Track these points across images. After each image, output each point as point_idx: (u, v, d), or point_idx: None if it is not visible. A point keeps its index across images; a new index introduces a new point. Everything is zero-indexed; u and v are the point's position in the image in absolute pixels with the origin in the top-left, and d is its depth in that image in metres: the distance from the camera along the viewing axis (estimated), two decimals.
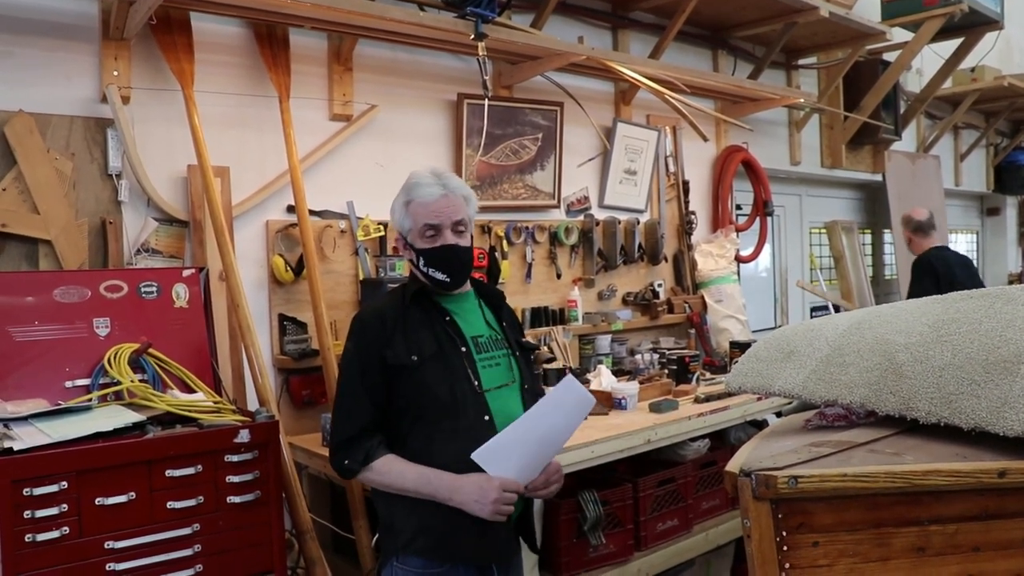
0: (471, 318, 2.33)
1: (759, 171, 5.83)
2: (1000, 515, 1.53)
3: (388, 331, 2.19)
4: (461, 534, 2.14)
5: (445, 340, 2.22)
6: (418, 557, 2.16)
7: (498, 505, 2.07)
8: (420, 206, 2.24)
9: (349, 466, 2.17)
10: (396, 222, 2.32)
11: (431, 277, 2.26)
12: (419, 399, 2.16)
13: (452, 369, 2.19)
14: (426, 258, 2.25)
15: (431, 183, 2.26)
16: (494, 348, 2.31)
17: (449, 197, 2.25)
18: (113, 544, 2.25)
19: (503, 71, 4.30)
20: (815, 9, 5.13)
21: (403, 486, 2.14)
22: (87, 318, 2.73)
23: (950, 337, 1.75)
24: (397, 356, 2.16)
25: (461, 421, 2.16)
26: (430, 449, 2.14)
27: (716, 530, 3.76)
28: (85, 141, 3.07)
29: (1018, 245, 10.16)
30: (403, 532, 2.18)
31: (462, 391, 2.18)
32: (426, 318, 2.25)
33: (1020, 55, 9.03)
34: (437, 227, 2.23)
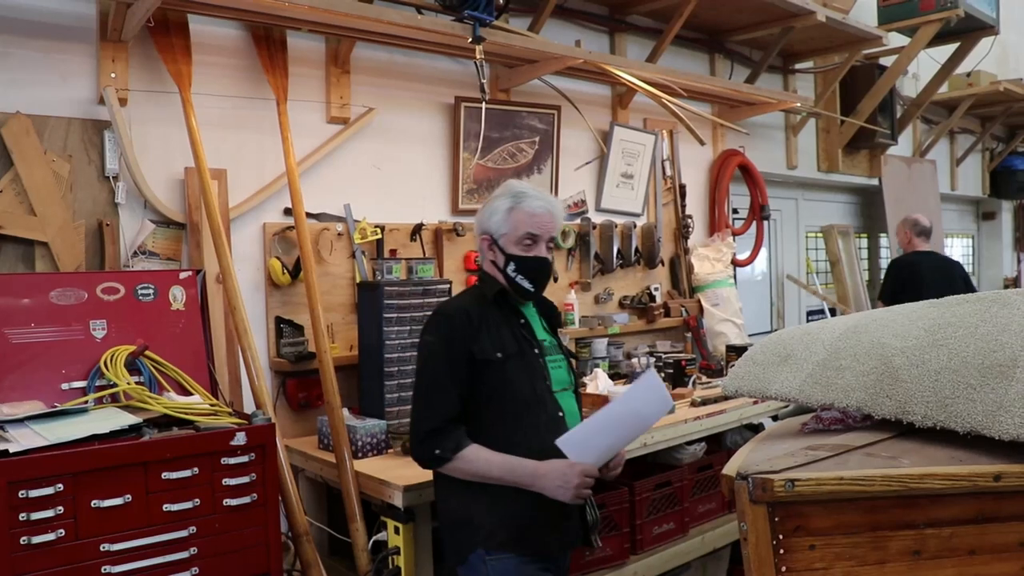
0: (535, 324, 2.48)
1: (756, 175, 5.84)
2: (995, 518, 1.53)
3: (474, 327, 2.32)
4: (540, 525, 2.27)
5: (523, 340, 2.38)
6: (509, 549, 2.27)
7: (580, 489, 2.19)
8: (526, 215, 2.37)
9: (441, 455, 2.26)
10: (491, 224, 2.42)
11: (516, 283, 2.39)
12: (503, 394, 2.30)
13: (531, 368, 2.36)
14: (517, 265, 2.38)
15: (538, 196, 2.40)
16: (555, 353, 2.48)
17: (551, 214, 2.40)
18: (109, 546, 2.24)
19: (500, 74, 4.31)
20: (812, 14, 5.14)
21: (488, 473, 2.24)
22: (84, 320, 2.73)
23: (946, 341, 1.76)
24: (484, 351, 2.30)
25: (540, 416, 2.31)
26: (511, 441, 2.27)
27: (712, 533, 3.76)
28: (82, 143, 3.07)
29: (1013, 249, 10.19)
30: (483, 527, 2.28)
31: (540, 388, 2.35)
32: (504, 319, 2.39)
33: (1016, 60, 9.05)
34: (536, 238, 2.38)
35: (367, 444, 3.18)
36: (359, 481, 3.01)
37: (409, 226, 3.90)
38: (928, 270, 5.40)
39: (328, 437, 3.18)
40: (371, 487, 2.95)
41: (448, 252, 4.04)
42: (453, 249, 4.07)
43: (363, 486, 3.00)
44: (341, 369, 3.44)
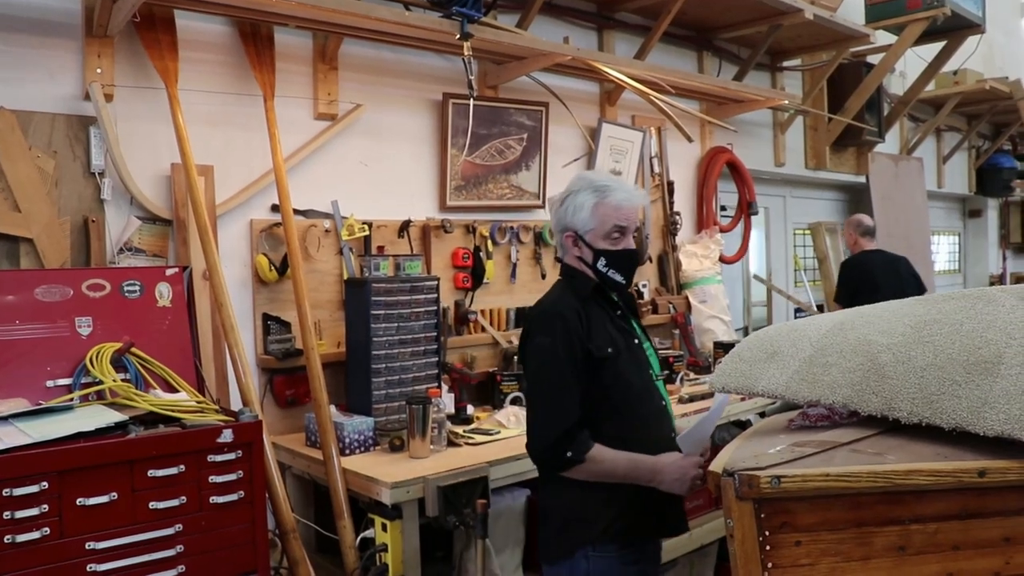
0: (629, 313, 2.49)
1: (743, 172, 5.85)
2: (979, 514, 1.54)
3: (585, 325, 2.30)
4: (649, 513, 2.30)
5: (627, 333, 2.41)
6: (613, 543, 2.28)
7: (695, 481, 2.22)
8: (613, 208, 2.34)
9: (573, 457, 2.23)
10: (576, 221, 2.37)
11: (607, 277, 2.37)
12: (617, 388, 2.31)
13: (638, 359, 2.39)
14: (608, 259, 2.35)
15: (621, 187, 2.37)
16: (646, 340, 2.49)
17: (635, 204, 2.39)
18: (95, 545, 2.23)
19: (488, 71, 4.30)
20: (800, 11, 5.15)
21: (614, 472, 2.24)
22: (69, 317, 2.71)
23: (932, 338, 1.77)
24: (600, 348, 2.29)
25: (649, 407, 2.36)
26: (625, 435, 2.27)
27: (699, 530, 3.76)
28: (67, 139, 3.05)
29: (999, 247, 10.25)
30: (598, 521, 2.28)
31: (647, 379, 2.39)
32: (606, 314, 2.38)
33: (1001, 59, 9.11)
34: (624, 230, 2.35)
35: (354, 441, 3.18)
36: (346, 478, 3.01)
37: (397, 223, 3.89)
38: (879, 269, 5.46)
39: (315, 434, 3.18)
40: (358, 484, 2.95)
41: (436, 249, 4.04)
42: (441, 246, 4.07)
43: (350, 483, 3.00)
44: (328, 366, 3.43)
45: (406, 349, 3.41)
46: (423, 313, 3.49)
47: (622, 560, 2.30)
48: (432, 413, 3.14)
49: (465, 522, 2.85)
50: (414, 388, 3.41)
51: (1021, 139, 9.46)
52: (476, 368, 4.08)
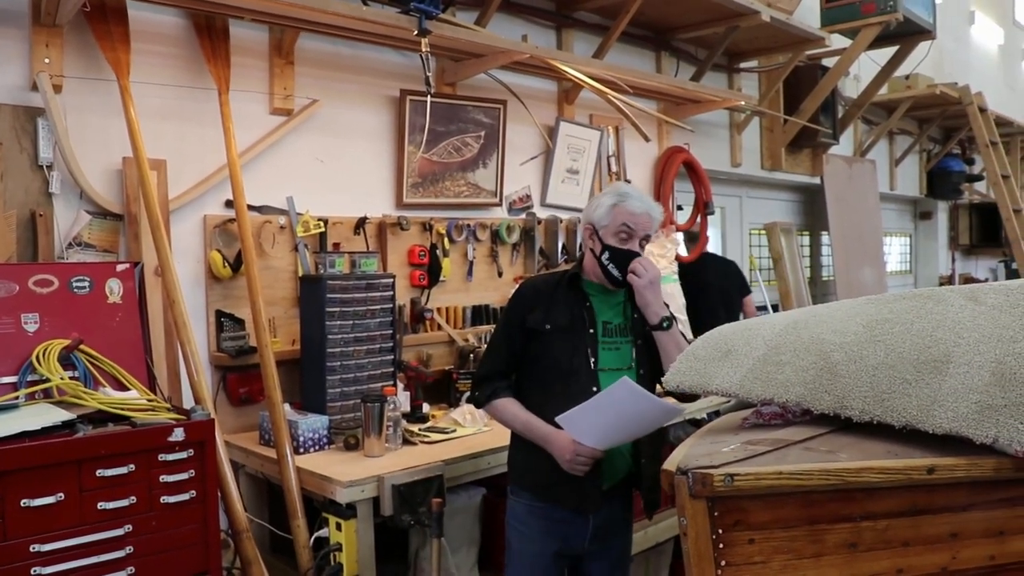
0: (611, 307, 2.70)
1: (700, 172, 5.89)
2: (928, 510, 1.57)
3: (536, 300, 2.66)
4: (558, 480, 2.55)
5: (578, 319, 2.63)
6: (527, 491, 2.67)
7: (572, 464, 2.47)
8: (625, 212, 2.62)
9: (477, 397, 2.73)
10: (595, 216, 2.68)
11: (608, 270, 2.63)
12: (543, 361, 2.63)
13: (575, 344, 2.61)
14: (611, 254, 2.62)
15: (640, 198, 2.66)
16: (619, 335, 2.68)
17: (649, 216, 2.66)
18: (39, 547, 2.19)
19: (446, 68, 4.28)
20: (757, 14, 5.20)
21: (512, 425, 2.66)
22: (14, 313, 2.64)
23: (883, 337, 1.79)
24: (535, 322, 2.63)
25: (572, 388, 2.55)
26: (543, 403, 2.57)
27: (655, 527, 3.78)
28: (14, 130, 2.97)
29: (948, 248, 10.45)
30: (517, 467, 2.74)
31: (578, 363, 2.60)
32: (570, 299, 2.66)
33: (951, 65, 9.29)
34: (632, 233, 2.62)
35: (309, 439, 3.15)
36: (300, 477, 2.98)
37: (353, 219, 3.86)
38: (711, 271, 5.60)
39: (269, 432, 3.14)
40: (313, 483, 2.93)
41: (392, 246, 4.01)
42: (397, 243, 4.04)
43: (304, 482, 2.97)
44: (283, 363, 3.40)
45: (361, 347, 3.39)
46: (379, 311, 3.47)
47: (531, 511, 2.65)
48: (387, 411, 3.12)
49: (420, 521, 2.84)
50: (369, 386, 3.39)
51: (970, 143, 9.64)
52: (432, 366, 4.06)
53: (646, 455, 2.65)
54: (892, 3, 6.14)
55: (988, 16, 11.11)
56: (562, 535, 2.63)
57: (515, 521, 2.71)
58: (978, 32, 10.78)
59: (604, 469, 2.58)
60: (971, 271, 10.80)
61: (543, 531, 2.64)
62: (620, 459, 2.63)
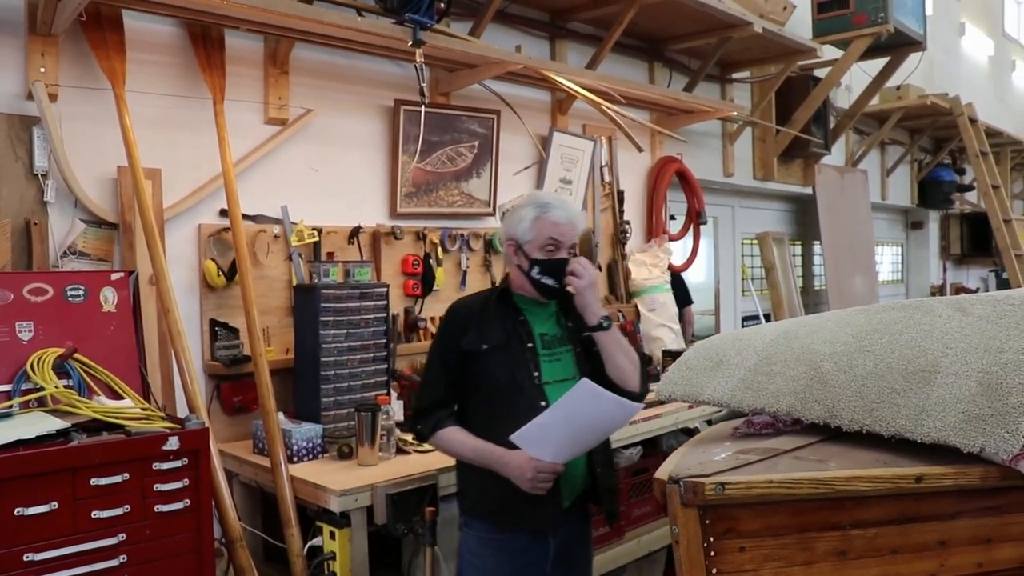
0: (544, 318, 2.63)
1: (693, 182, 5.92)
2: (916, 518, 1.58)
3: (469, 321, 2.58)
4: (517, 502, 2.43)
5: (514, 335, 2.56)
6: (481, 521, 2.55)
7: (534, 483, 2.36)
8: (550, 224, 2.53)
9: (421, 431, 2.61)
10: (517, 231, 2.58)
11: (541, 284, 2.55)
12: (485, 382, 2.53)
13: (516, 360, 2.53)
14: (541, 267, 2.53)
15: (561, 207, 2.57)
16: (558, 345, 2.61)
17: (573, 224, 2.57)
18: (33, 556, 2.18)
19: (441, 78, 4.31)
20: (749, 25, 5.24)
21: (462, 454, 2.54)
22: (9, 322, 2.64)
23: (872, 347, 1.81)
24: (471, 342, 2.54)
25: (519, 404, 2.46)
26: (491, 425, 2.49)
27: (648, 537, 3.80)
28: (9, 139, 2.98)
29: (940, 258, 10.49)
30: (470, 496, 2.60)
31: (521, 379, 2.51)
32: (503, 315, 2.58)
33: (941, 76, 9.35)
34: (559, 244, 2.53)
35: (303, 448, 3.16)
36: (294, 486, 2.98)
37: (347, 229, 3.88)
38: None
39: (263, 441, 3.15)
40: (306, 492, 2.93)
41: (386, 255, 4.02)
42: (391, 252, 4.05)
43: (298, 491, 2.97)
44: (277, 372, 3.41)
45: (355, 356, 3.39)
46: (372, 320, 3.48)
47: (485, 542, 2.53)
48: (381, 420, 3.13)
49: (414, 530, 2.85)
50: (363, 395, 3.39)
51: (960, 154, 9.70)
52: None
53: (600, 464, 2.57)
54: (883, 15, 6.20)
55: (978, 28, 11.19)
56: (521, 565, 2.51)
57: (469, 555, 2.58)
58: (968, 43, 10.85)
59: (563, 486, 2.47)
60: (962, 280, 10.84)
61: (501, 563, 2.51)
62: (577, 472, 2.52)
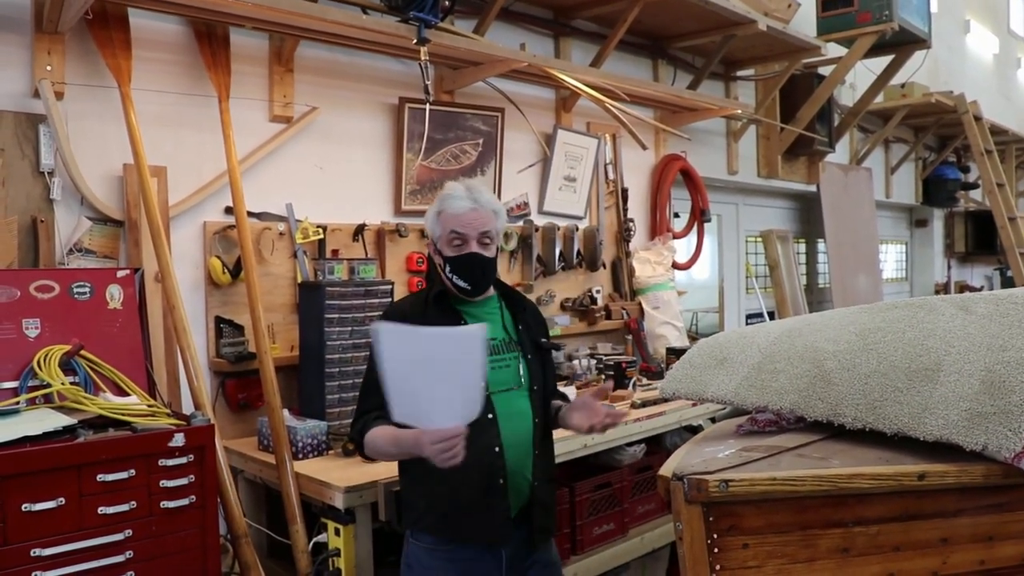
0: (488, 322, 2.35)
1: (697, 180, 5.92)
2: (919, 516, 1.59)
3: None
4: (464, 514, 2.30)
5: None
6: (428, 534, 2.36)
7: (439, 454, 2.04)
8: (449, 216, 2.37)
9: (352, 437, 2.42)
10: (428, 229, 2.46)
11: (455, 284, 2.40)
12: None
13: None
14: (451, 265, 2.38)
15: (462, 196, 2.38)
16: (505, 351, 2.44)
17: (478, 211, 2.37)
18: (40, 552, 2.20)
19: (445, 76, 4.31)
20: (753, 23, 5.23)
21: (386, 450, 2.30)
22: (16, 319, 2.66)
23: (876, 345, 1.82)
24: None
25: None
26: None
27: (652, 534, 3.81)
28: (16, 137, 2.99)
29: (944, 256, 10.48)
30: (415, 508, 2.39)
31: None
32: (443, 319, 2.37)
33: (946, 74, 9.33)
34: (463, 236, 2.36)
35: (307, 445, 3.17)
36: (299, 482, 2.99)
37: (351, 226, 3.88)
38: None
39: (268, 438, 3.16)
40: (311, 488, 2.94)
41: (391, 253, 4.03)
42: (396, 250, 4.06)
43: (303, 487, 2.98)
44: (281, 370, 3.42)
45: (360, 353, 3.40)
46: (377, 317, 3.48)
47: (434, 554, 2.34)
48: None
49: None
50: None
51: (965, 151, 9.69)
52: None
53: (538, 477, 2.40)
54: (887, 13, 6.19)
55: (983, 25, 11.16)
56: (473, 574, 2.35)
57: (417, 564, 2.39)
58: (973, 41, 10.83)
59: (510, 494, 2.32)
60: (967, 279, 10.84)
61: (451, 572, 2.34)
62: (522, 481, 2.36)
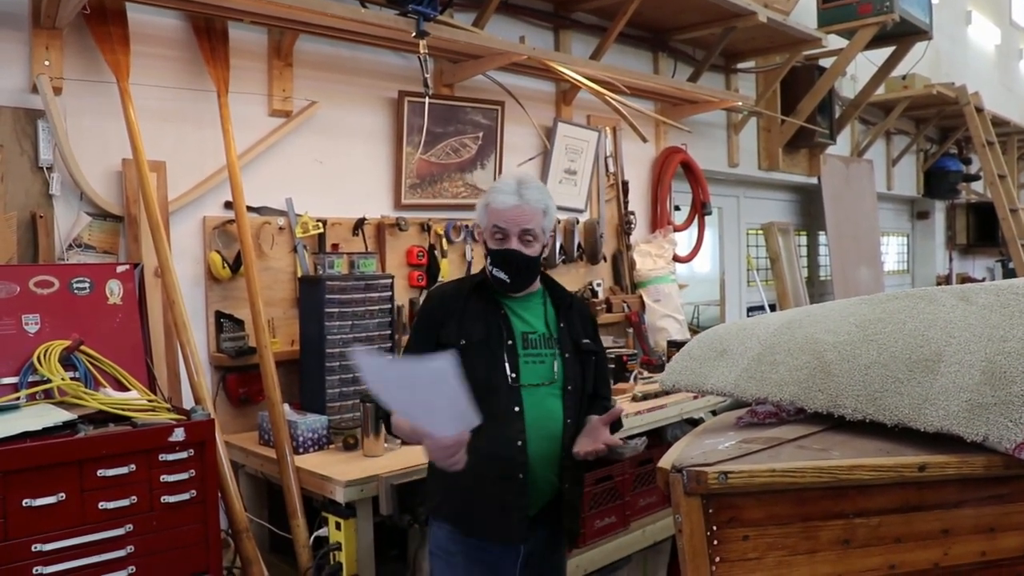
0: (529, 315, 2.47)
1: (697, 172, 5.90)
2: (920, 507, 1.58)
3: (447, 312, 2.42)
4: (479, 511, 2.34)
5: (494, 331, 2.39)
6: (445, 520, 2.41)
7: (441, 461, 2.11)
8: (493, 211, 2.40)
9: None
10: (477, 218, 2.50)
11: (495, 276, 2.42)
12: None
13: (493, 358, 2.36)
14: (492, 258, 2.42)
15: (509, 191, 2.39)
16: (543, 347, 2.44)
17: (522, 207, 2.37)
18: (41, 547, 2.20)
19: (444, 69, 4.30)
20: (753, 15, 5.21)
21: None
22: (15, 314, 2.66)
23: (876, 336, 1.81)
24: (448, 337, 2.37)
25: (492, 408, 2.26)
26: None
27: (653, 527, 3.81)
28: (14, 133, 2.99)
29: (946, 248, 10.47)
30: (434, 498, 2.46)
31: (497, 380, 2.34)
32: (483, 308, 2.43)
33: (947, 65, 9.31)
34: (505, 231, 2.38)
35: (308, 439, 3.17)
36: (300, 477, 2.99)
37: (351, 220, 3.88)
38: None
39: (269, 433, 3.16)
40: (312, 483, 2.94)
41: (391, 247, 4.03)
42: (396, 244, 4.06)
43: (304, 482, 2.98)
44: (282, 364, 3.42)
45: (361, 347, 3.40)
46: (377, 311, 3.48)
47: (454, 539, 2.40)
48: None
49: (419, 520, 2.85)
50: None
51: (966, 143, 9.66)
52: None
53: (568, 480, 2.40)
54: (888, 3, 6.16)
55: (985, 16, 11.13)
56: (490, 564, 2.39)
57: (439, 550, 2.45)
58: (975, 32, 10.80)
59: (529, 494, 2.34)
60: (968, 270, 10.82)
61: (471, 560, 2.39)
62: (545, 483, 2.37)
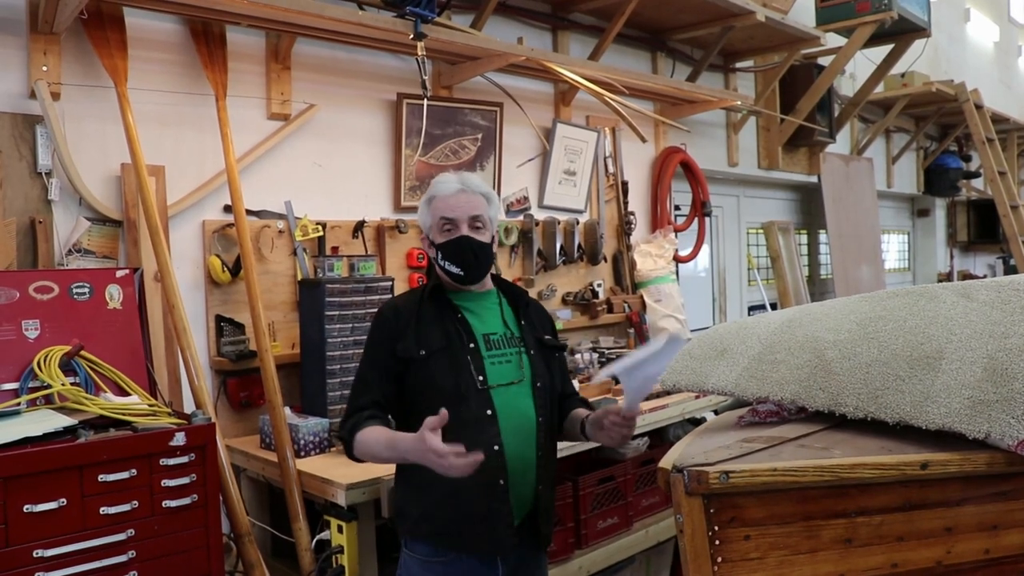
0: (487, 316, 2.40)
1: (697, 172, 5.90)
2: (922, 505, 1.58)
3: (401, 324, 2.30)
4: (463, 524, 2.22)
5: (454, 336, 2.30)
6: (424, 544, 2.27)
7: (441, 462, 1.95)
8: (439, 201, 2.33)
9: (341, 435, 2.28)
10: (421, 221, 2.42)
11: (447, 271, 2.34)
12: (426, 390, 2.25)
13: (458, 364, 2.27)
14: (442, 251, 2.32)
15: (451, 180, 2.36)
16: (506, 346, 2.37)
17: (467, 193, 2.33)
18: (43, 552, 2.20)
19: (443, 71, 4.30)
20: (752, 14, 5.21)
21: (380, 453, 2.18)
22: (15, 320, 2.66)
23: (877, 334, 1.81)
24: (407, 349, 2.27)
25: (464, 413, 2.21)
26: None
27: (656, 527, 3.80)
28: (13, 138, 2.99)
29: (947, 245, 10.46)
30: (410, 517, 2.29)
31: (466, 385, 2.25)
32: (439, 314, 2.33)
33: (947, 63, 9.31)
34: (453, 220, 2.31)
35: (309, 443, 3.16)
36: (302, 480, 2.99)
37: (351, 223, 3.88)
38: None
39: (270, 436, 3.15)
40: (314, 486, 2.94)
41: (390, 249, 4.02)
42: (395, 246, 4.05)
43: (306, 485, 2.98)
44: (283, 367, 3.42)
45: (361, 350, 3.39)
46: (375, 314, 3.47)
47: (427, 567, 2.26)
48: None
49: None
50: None
51: (966, 140, 9.66)
52: None
53: (543, 481, 2.31)
54: (887, 2, 6.17)
55: (983, 13, 11.13)
56: None
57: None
58: (973, 29, 10.80)
59: (512, 502, 2.24)
60: (969, 268, 10.82)
61: None
62: (524, 486, 2.27)
